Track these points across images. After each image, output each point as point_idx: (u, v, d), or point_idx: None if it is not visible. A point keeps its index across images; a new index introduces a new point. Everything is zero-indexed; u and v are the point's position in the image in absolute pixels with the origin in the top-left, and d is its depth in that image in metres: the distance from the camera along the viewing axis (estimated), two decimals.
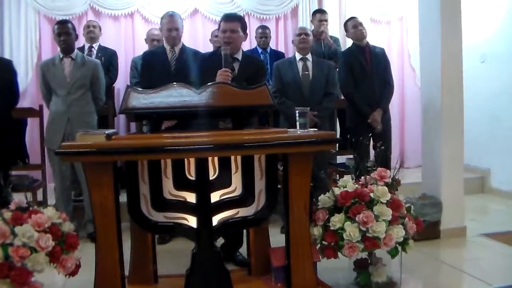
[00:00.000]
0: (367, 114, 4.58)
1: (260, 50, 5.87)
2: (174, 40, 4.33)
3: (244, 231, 3.34)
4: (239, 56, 3.54)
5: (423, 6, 4.35)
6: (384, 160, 3.59)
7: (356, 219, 2.75)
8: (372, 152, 3.82)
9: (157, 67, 4.24)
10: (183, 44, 4.44)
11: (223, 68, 3.24)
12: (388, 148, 4.54)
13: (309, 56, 4.54)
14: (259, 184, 2.77)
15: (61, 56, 4.22)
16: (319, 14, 5.78)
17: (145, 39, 5.76)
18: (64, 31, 4.19)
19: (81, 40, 5.70)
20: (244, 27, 3.56)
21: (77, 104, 4.19)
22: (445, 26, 4.09)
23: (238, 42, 3.53)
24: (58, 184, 4.27)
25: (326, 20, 5.71)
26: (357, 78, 4.67)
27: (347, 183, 2.96)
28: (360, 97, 4.64)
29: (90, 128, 4.06)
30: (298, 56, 4.55)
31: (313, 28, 5.63)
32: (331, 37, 5.77)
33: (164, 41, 4.52)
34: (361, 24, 4.76)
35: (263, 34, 5.90)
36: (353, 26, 4.75)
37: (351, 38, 4.85)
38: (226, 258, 3.51)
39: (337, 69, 5.10)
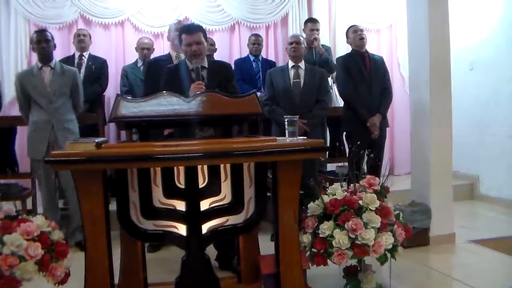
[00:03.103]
0: (366, 118, 4.58)
1: (252, 58, 5.90)
2: None
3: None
4: (205, 63, 3.58)
5: (412, 14, 4.39)
6: (374, 168, 3.62)
7: (345, 226, 2.76)
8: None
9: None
10: None
11: (197, 81, 3.34)
12: (380, 156, 4.57)
13: (301, 64, 4.56)
14: (248, 192, 2.77)
15: (40, 65, 4.22)
16: (311, 23, 5.82)
17: (136, 48, 5.79)
18: (43, 38, 4.20)
19: (71, 48, 5.72)
20: (205, 35, 3.62)
21: (60, 112, 4.19)
22: (433, 34, 4.13)
23: (204, 51, 3.60)
24: (44, 193, 4.25)
25: (317, 29, 5.75)
26: (355, 83, 4.66)
27: (336, 190, 2.97)
28: (358, 101, 4.64)
29: (73, 135, 4.07)
30: (290, 63, 4.57)
31: (304, 36, 5.66)
32: (323, 45, 5.81)
33: (170, 47, 4.58)
34: (361, 30, 4.80)
35: (256, 41, 5.94)
36: (353, 31, 4.78)
37: (351, 44, 4.86)
38: (223, 266, 3.52)
39: (329, 77, 5.14)
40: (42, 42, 4.20)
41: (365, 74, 4.64)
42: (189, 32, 3.54)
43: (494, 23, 5.76)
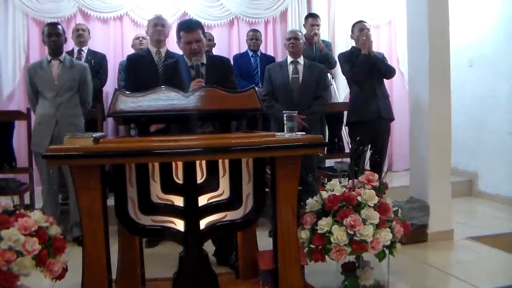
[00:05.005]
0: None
1: (250, 54, 5.88)
2: (159, 34, 4.38)
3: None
4: (204, 60, 3.56)
5: (411, 10, 4.38)
6: (376, 165, 3.61)
7: (344, 222, 2.75)
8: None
9: (144, 70, 4.24)
10: (167, 49, 4.49)
11: (197, 79, 3.33)
12: (382, 152, 4.57)
13: (300, 60, 4.55)
14: (247, 187, 2.77)
15: (49, 58, 4.21)
16: (311, 18, 5.80)
17: (132, 46, 5.80)
18: (54, 32, 4.19)
19: (70, 43, 5.69)
20: (203, 31, 3.60)
21: (65, 107, 4.17)
22: (433, 30, 4.11)
23: (203, 49, 3.58)
24: (45, 188, 4.24)
25: (318, 25, 5.74)
26: None
27: (335, 186, 2.96)
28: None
29: (77, 131, 4.06)
30: (289, 59, 4.55)
31: (305, 32, 5.65)
32: (323, 41, 5.79)
33: (149, 43, 4.56)
34: (368, 29, 4.75)
35: (254, 36, 5.92)
36: (359, 30, 4.74)
37: (354, 40, 4.85)
38: (221, 262, 3.52)
39: (329, 73, 5.12)
40: (52, 36, 4.18)
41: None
42: (188, 30, 3.49)
43: (493, 20, 5.75)
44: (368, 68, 4.55)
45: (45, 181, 4.22)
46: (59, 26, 4.28)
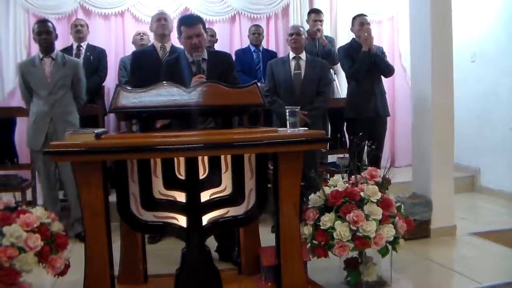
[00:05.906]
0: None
1: (253, 49, 5.87)
2: (164, 29, 4.38)
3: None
4: (205, 55, 3.53)
5: (414, 5, 4.36)
6: (374, 159, 3.60)
7: (347, 218, 2.75)
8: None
9: (148, 66, 4.21)
10: (172, 44, 4.46)
11: (198, 75, 3.30)
12: (380, 147, 4.56)
13: (302, 55, 4.52)
14: (249, 183, 2.76)
15: (41, 56, 4.18)
16: (314, 14, 5.78)
17: (133, 42, 5.79)
18: (45, 30, 4.15)
19: (69, 39, 5.68)
20: (204, 26, 3.57)
21: (60, 105, 4.14)
22: (436, 26, 4.10)
23: (204, 43, 3.55)
24: (44, 184, 4.23)
25: (321, 20, 5.72)
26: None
27: (338, 182, 2.96)
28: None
29: (73, 127, 4.02)
30: (291, 55, 4.53)
31: (307, 27, 5.63)
32: (326, 37, 5.77)
33: (153, 39, 4.55)
34: (368, 24, 4.73)
35: (256, 31, 5.92)
36: (359, 23, 4.71)
37: (354, 34, 4.83)
38: (224, 258, 3.51)
39: (331, 69, 5.10)
40: (43, 34, 4.14)
41: None
42: (189, 25, 3.46)
43: (495, 16, 5.72)
44: (368, 66, 4.54)
45: (44, 178, 4.21)
46: (49, 23, 4.24)
